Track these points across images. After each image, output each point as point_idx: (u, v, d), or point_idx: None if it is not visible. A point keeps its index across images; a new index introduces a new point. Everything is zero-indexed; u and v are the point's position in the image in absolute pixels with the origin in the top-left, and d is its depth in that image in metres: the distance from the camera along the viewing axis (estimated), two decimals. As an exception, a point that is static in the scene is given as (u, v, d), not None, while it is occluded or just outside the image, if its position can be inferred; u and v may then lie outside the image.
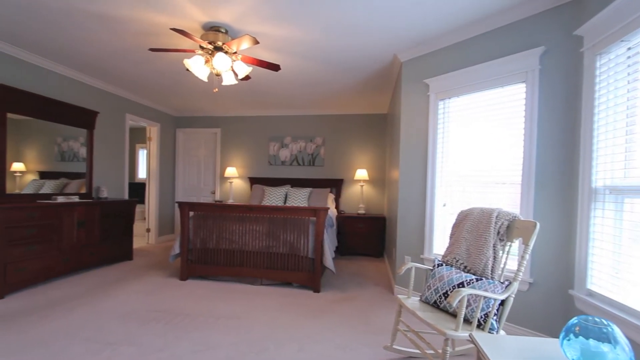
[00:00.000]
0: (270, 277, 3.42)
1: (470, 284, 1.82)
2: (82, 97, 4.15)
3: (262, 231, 3.43)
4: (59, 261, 3.36)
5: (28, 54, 3.40)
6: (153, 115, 5.51)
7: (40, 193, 3.59)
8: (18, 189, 3.39)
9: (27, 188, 3.46)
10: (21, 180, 3.42)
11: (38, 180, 3.60)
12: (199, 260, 3.56)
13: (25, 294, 2.99)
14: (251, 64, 3.04)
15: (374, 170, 5.43)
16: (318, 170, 5.60)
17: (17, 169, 3.37)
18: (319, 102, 5.07)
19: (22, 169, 3.42)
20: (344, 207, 5.53)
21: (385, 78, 3.93)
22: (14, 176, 3.34)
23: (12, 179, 3.32)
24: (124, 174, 4.92)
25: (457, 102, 2.80)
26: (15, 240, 2.95)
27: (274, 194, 5.03)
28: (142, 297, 2.99)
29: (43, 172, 3.66)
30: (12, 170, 3.32)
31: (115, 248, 4.11)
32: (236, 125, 5.90)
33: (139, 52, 3.32)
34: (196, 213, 3.58)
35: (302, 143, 5.61)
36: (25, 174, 3.46)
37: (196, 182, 6.09)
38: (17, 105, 3.32)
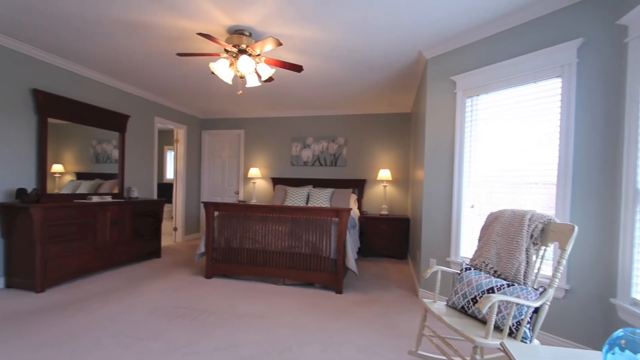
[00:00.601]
0: (292, 277, 3.43)
1: (501, 289, 1.73)
2: (114, 101, 4.36)
3: (284, 231, 3.45)
4: (94, 258, 3.54)
5: (65, 61, 3.60)
6: (180, 118, 5.69)
7: (77, 193, 3.79)
8: (57, 189, 3.60)
9: (65, 188, 3.67)
10: (60, 181, 3.63)
11: (75, 181, 3.81)
12: (223, 259, 3.63)
13: (64, 288, 3.17)
14: (274, 65, 3.07)
15: (397, 171, 5.33)
16: (340, 171, 5.57)
17: (57, 170, 3.58)
18: (341, 102, 5.04)
19: (61, 170, 3.63)
20: (366, 208, 5.47)
21: (409, 76, 3.85)
22: (53, 177, 3.55)
23: (52, 179, 3.54)
24: (153, 175, 5.12)
25: (486, 99, 2.69)
26: (54, 237, 3.13)
27: (296, 194, 5.06)
28: (170, 294, 3.09)
29: (79, 173, 3.87)
30: (52, 172, 3.53)
31: (145, 246, 4.28)
32: (259, 126, 5.99)
33: (166, 57, 3.43)
34: (221, 213, 3.65)
35: (324, 143, 5.60)
36: (64, 175, 3.67)
37: (220, 182, 6.23)
38: (57, 110, 3.52)
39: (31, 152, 3.36)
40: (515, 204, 2.48)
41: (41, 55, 3.37)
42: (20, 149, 3.27)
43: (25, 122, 3.30)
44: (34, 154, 3.38)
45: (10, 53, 3.14)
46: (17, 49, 3.18)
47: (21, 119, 3.26)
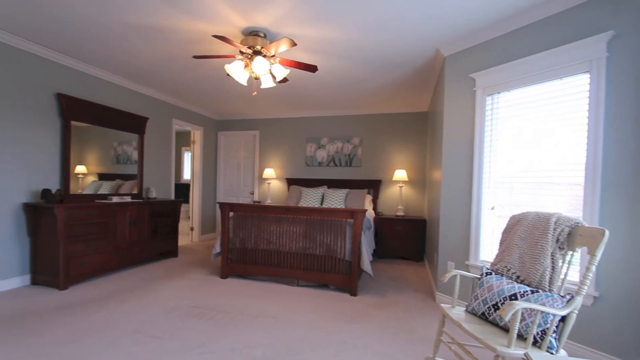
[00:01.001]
0: (306, 278, 3.41)
1: (524, 296, 1.65)
2: (133, 104, 4.46)
3: (299, 232, 3.44)
4: (113, 256, 3.63)
5: (87, 65, 3.72)
6: (197, 120, 5.78)
7: (98, 193, 3.90)
8: (80, 189, 3.72)
9: (87, 188, 3.80)
10: (83, 181, 3.76)
11: (97, 182, 3.93)
12: (238, 259, 3.65)
13: (85, 286, 3.26)
14: (289, 66, 3.06)
15: (414, 171, 5.23)
16: (355, 171, 5.52)
17: (80, 171, 3.71)
18: (356, 101, 4.99)
19: (84, 171, 3.76)
20: (381, 209, 5.39)
21: (426, 74, 3.76)
22: (77, 178, 3.68)
23: (76, 180, 3.66)
24: (171, 176, 5.22)
25: (507, 97, 2.59)
26: (77, 236, 3.23)
27: (311, 195, 5.04)
28: (186, 293, 3.12)
29: (101, 174, 3.99)
30: (76, 173, 3.66)
31: (162, 245, 4.36)
32: (274, 127, 6.01)
33: (182, 60, 3.49)
34: (236, 213, 3.68)
35: (339, 144, 5.56)
36: (87, 176, 3.80)
37: (236, 183, 6.29)
38: (80, 113, 3.64)
39: (55, 154, 3.48)
40: (538, 205, 2.37)
41: (64, 60, 3.48)
42: (46, 151, 3.39)
43: (50, 125, 3.42)
44: (58, 156, 3.50)
45: (36, 59, 3.27)
46: (42, 54, 3.29)
47: (46, 122, 3.39)
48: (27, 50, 3.18)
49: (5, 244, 3.07)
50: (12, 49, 3.07)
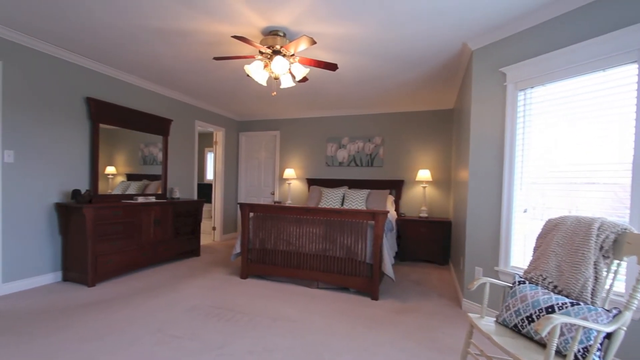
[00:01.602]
0: (326, 280, 3.35)
1: (562, 308, 1.51)
2: (158, 106, 4.57)
3: (318, 234, 3.38)
4: (138, 255, 3.73)
5: (113, 69, 3.84)
6: (218, 121, 5.86)
7: (125, 194, 4.02)
8: (110, 189, 3.87)
9: (116, 189, 3.94)
10: (113, 182, 3.90)
11: (125, 182, 4.06)
12: (258, 260, 3.65)
13: (112, 283, 3.36)
14: (308, 65, 3.01)
15: (438, 171, 5.05)
16: (377, 171, 5.40)
17: (110, 172, 3.85)
18: (377, 100, 4.88)
19: (113, 172, 3.90)
20: (404, 210, 5.24)
21: (452, 70, 3.60)
22: (107, 178, 3.82)
23: (106, 180, 3.80)
24: (194, 176, 5.32)
25: (542, 91, 2.41)
26: (104, 235, 3.33)
27: (331, 195, 4.98)
28: (207, 293, 3.15)
29: (129, 174, 4.13)
30: (106, 173, 3.81)
31: (185, 245, 4.44)
32: (294, 127, 5.99)
33: (202, 62, 3.52)
34: (256, 214, 3.67)
35: (360, 143, 5.46)
36: (116, 176, 3.94)
37: (257, 183, 6.33)
38: (107, 116, 3.76)
39: (85, 156, 3.61)
40: (575, 208, 2.18)
41: (93, 65, 3.61)
42: (77, 153, 3.52)
43: (80, 128, 3.55)
44: (87, 158, 3.64)
45: (67, 65, 3.40)
46: (73, 60, 3.43)
47: (77, 126, 3.52)
48: (59, 57, 3.31)
49: (40, 242, 3.21)
50: (47, 56, 3.21)
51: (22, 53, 3.04)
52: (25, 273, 3.11)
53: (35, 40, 3.07)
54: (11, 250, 3.01)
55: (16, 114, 3.01)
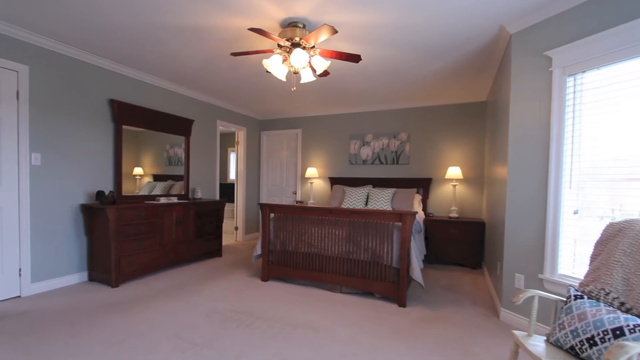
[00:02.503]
0: (350, 285, 3.17)
1: (635, 331, 1.26)
2: (179, 107, 4.57)
3: (341, 235, 3.22)
4: (161, 255, 3.72)
5: (134, 71, 3.85)
6: (240, 120, 5.83)
7: (149, 194, 4.04)
8: (138, 189, 3.92)
9: (143, 189, 3.98)
10: (140, 182, 3.94)
11: (152, 182, 4.11)
12: (279, 262, 3.53)
13: (134, 284, 3.36)
14: (329, 57, 2.84)
15: (470, 168, 4.72)
16: (403, 169, 5.14)
17: (137, 173, 3.90)
18: (403, 94, 4.62)
19: (141, 172, 3.95)
20: (432, 210, 4.96)
21: (486, 57, 3.31)
22: (135, 179, 3.86)
23: (134, 181, 3.85)
24: (215, 176, 5.30)
25: (596, 76, 2.10)
26: (127, 236, 3.34)
27: (355, 194, 4.78)
28: (227, 295, 3.07)
29: (156, 175, 4.17)
30: (134, 174, 3.85)
31: (206, 245, 4.41)
32: (316, 125, 5.85)
33: (221, 60, 3.44)
34: (276, 215, 3.56)
35: (385, 140, 5.23)
36: (143, 177, 3.98)
37: (279, 182, 6.25)
38: (130, 118, 3.78)
39: (109, 157, 3.65)
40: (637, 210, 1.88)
41: (115, 67, 3.63)
42: (101, 155, 3.56)
43: (104, 130, 3.59)
44: (111, 159, 3.67)
45: (90, 67, 3.44)
46: (95, 63, 3.46)
47: (101, 127, 3.56)
48: (83, 60, 3.35)
49: (66, 243, 3.27)
50: (70, 59, 3.25)
51: (47, 57, 3.08)
52: (52, 273, 3.16)
53: (59, 44, 3.10)
54: (39, 251, 3.06)
55: (42, 117, 3.06)
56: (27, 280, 2.97)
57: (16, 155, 2.89)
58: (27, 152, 2.95)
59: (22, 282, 2.94)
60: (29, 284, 2.98)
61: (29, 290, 2.98)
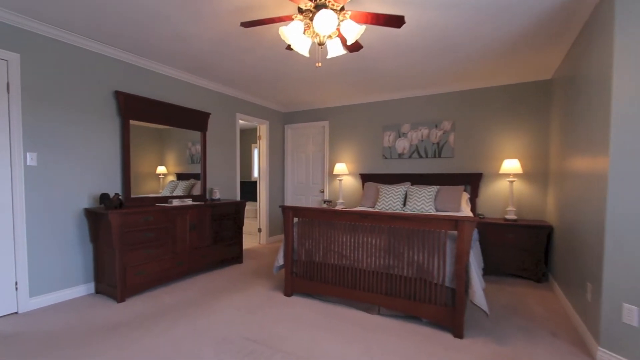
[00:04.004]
0: (390, 306, 2.59)
1: None
2: (194, 99, 4.17)
3: (379, 245, 2.63)
4: (173, 264, 3.33)
5: (141, 58, 3.46)
6: (262, 113, 5.36)
7: (161, 196, 3.66)
8: (161, 188, 3.65)
9: (165, 189, 3.71)
10: (163, 182, 3.66)
11: (174, 182, 3.82)
12: (304, 274, 3.01)
13: (142, 298, 2.98)
14: (364, 22, 2.25)
15: (530, 160, 3.94)
16: (446, 163, 4.44)
17: (161, 172, 3.63)
18: (447, 75, 3.92)
19: (164, 171, 3.68)
20: (482, 210, 4.23)
21: (559, 24, 2.57)
22: (158, 178, 3.59)
23: (157, 180, 3.58)
24: (236, 174, 4.88)
25: None
26: (133, 244, 2.96)
27: (391, 193, 4.16)
28: (243, 316, 2.60)
29: (179, 173, 3.87)
30: (157, 173, 3.58)
31: (225, 251, 3.99)
32: (345, 116, 5.26)
33: (235, 39, 2.95)
34: (301, 219, 3.03)
35: (425, 130, 4.54)
36: (167, 176, 3.71)
37: (305, 179, 5.73)
38: (138, 111, 3.40)
39: (116, 156, 3.29)
40: None
41: (119, 54, 3.26)
42: (107, 153, 3.21)
43: (109, 126, 3.23)
44: (118, 158, 3.31)
45: (91, 55, 3.08)
46: (97, 50, 3.09)
47: (106, 123, 3.20)
48: (82, 47, 2.99)
49: (69, 252, 2.94)
50: (68, 47, 2.90)
51: (41, 44, 2.74)
52: (53, 286, 2.85)
53: (54, 28, 2.75)
54: (38, 262, 2.75)
55: (38, 112, 2.73)
56: (24, 295, 2.66)
57: (8, 155, 2.57)
58: (20, 151, 2.62)
59: (20, 296, 2.63)
60: (27, 298, 2.67)
61: (27, 306, 2.67)
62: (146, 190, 3.52)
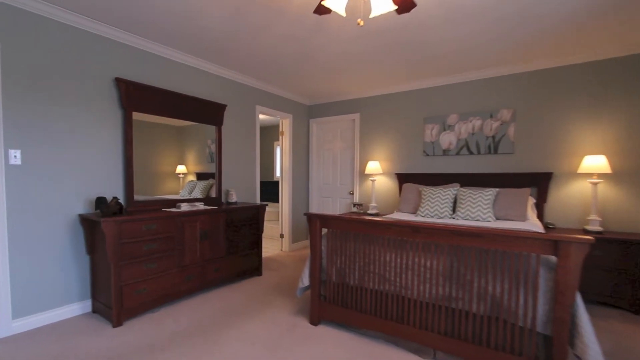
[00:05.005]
0: (451, 350, 1.94)
1: None
2: (207, 89, 3.68)
3: (437, 269, 1.99)
4: (180, 280, 2.85)
5: (146, 41, 3.00)
6: (284, 106, 4.82)
7: (170, 199, 3.20)
8: (181, 188, 3.34)
9: (184, 190, 3.39)
10: (183, 182, 3.35)
11: (193, 182, 3.46)
12: (335, 299, 2.42)
13: (143, 321, 2.51)
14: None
15: (622, 157, 3.11)
16: (504, 161, 3.68)
17: (181, 171, 3.34)
18: (509, 52, 3.18)
19: (184, 171, 3.38)
20: (552, 218, 3.44)
21: None
22: (178, 178, 3.29)
23: (177, 180, 3.28)
24: (255, 174, 4.36)
25: None
26: (133, 257, 2.50)
27: (437, 197, 3.48)
28: (257, 354, 2.04)
29: (199, 173, 3.53)
30: (177, 172, 3.29)
31: (241, 262, 3.47)
32: (379, 107, 4.60)
33: (252, 14, 2.40)
34: (331, 231, 2.44)
35: (477, 121, 3.80)
36: (187, 176, 3.40)
37: (331, 180, 5.14)
38: (142, 102, 2.95)
39: (117, 154, 2.85)
40: None
41: (120, 36, 2.81)
42: (106, 151, 2.78)
43: (109, 119, 2.80)
44: (120, 156, 2.87)
45: (87, 36, 2.64)
46: (93, 30, 2.66)
47: (105, 115, 2.77)
48: (76, 26, 2.56)
49: (61, 265, 2.53)
50: (59, 25, 2.47)
51: (25, 22, 2.32)
52: (42, 305, 2.43)
53: (41, 3, 2.32)
54: (23, 278, 2.34)
55: (22, 104, 2.32)
56: (6, 317, 2.25)
57: (-15, 151, 2.17)
58: (1, 148, 2.22)
59: (1, 319, 2.23)
60: (10, 321, 2.27)
61: (9, 330, 2.26)
62: (165, 191, 3.19)
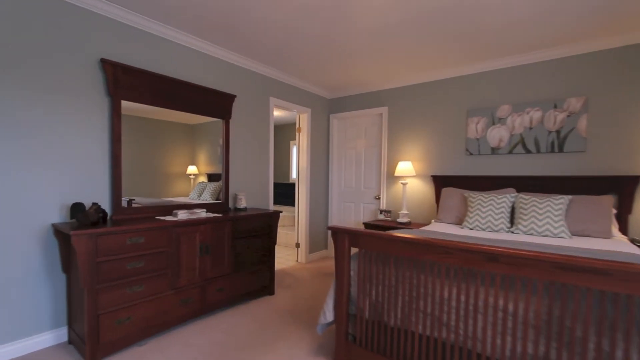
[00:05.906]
0: None
1: None
2: (214, 76, 3.18)
3: (524, 316, 1.37)
4: (175, 303, 2.33)
5: (138, 16, 2.51)
6: (302, 99, 4.28)
7: (165, 205, 2.71)
8: (191, 190, 3.04)
9: (193, 192, 3.04)
10: (194, 183, 3.03)
11: (203, 183, 3.10)
12: (367, 342, 1.83)
13: (125, 358, 2.00)
14: None
15: None
16: (572, 161, 3.00)
17: (191, 172, 3.02)
18: (577, 27, 2.51)
19: (195, 171, 3.04)
20: (638, 231, 2.73)
21: None
22: (189, 178, 2.96)
23: (188, 181, 2.95)
24: (268, 176, 3.83)
25: None
26: (114, 279, 2.00)
27: (489, 205, 2.83)
28: None
29: (210, 174, 3.16)
30: (188, 173, 2.97)
31: (250, 280, 2.94)
32: (411, 99, 3.98)
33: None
34: (363, 251, 1.86)
35: (536, 113, 3.13)
36: (198, 177, 3.05)
37: (354, 183, 4.55)
38: (133, 89, 2.46)
39: (103, 151, 2.38)
40: None
41: (107, 8, 2.34)
42: (90, 147, 2.31)
43: (93, 108, 2.33)
44: (106, 154, 2.40)
45: (66, 8, 2.18)
46: (77, 2, 2.19)
47: (88, 104, 2.30)
48: (50, -8, 2.10)
49: (31, 286, 2.06)
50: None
51: (-17, -17, 1.87)
52: (4, 335, 1.96)
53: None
54: (-23, 303, 1.88)
55: (-22, 82, 1.86)
56: (-47, 354, 1.79)
57: None
58: (-52, 140, 1.77)
59: (-55, 356, 1.77)
60: (-43, 359, 1.81)
61: (-44, 370, 1.81)
62: (175, 193, 2.86)
